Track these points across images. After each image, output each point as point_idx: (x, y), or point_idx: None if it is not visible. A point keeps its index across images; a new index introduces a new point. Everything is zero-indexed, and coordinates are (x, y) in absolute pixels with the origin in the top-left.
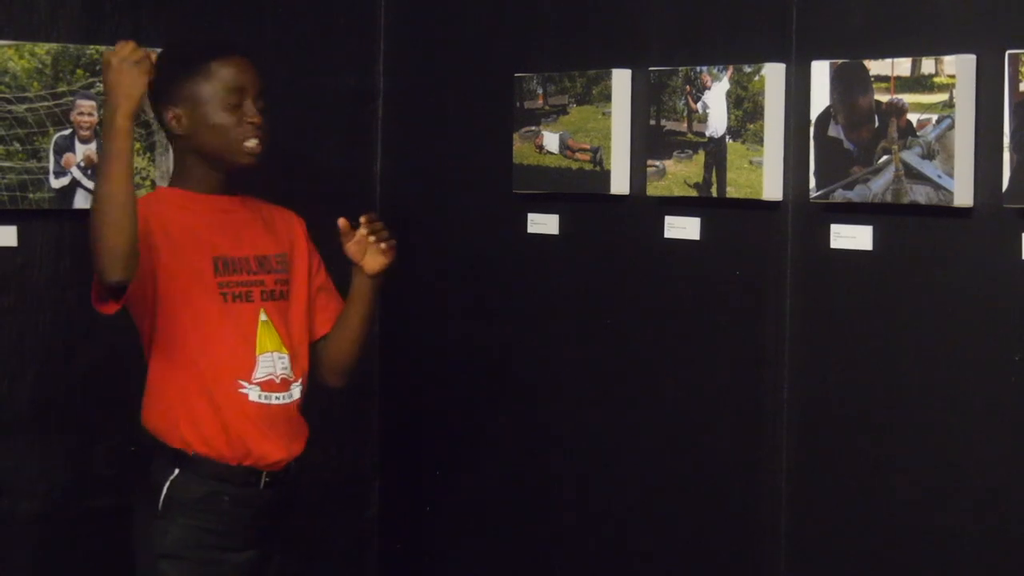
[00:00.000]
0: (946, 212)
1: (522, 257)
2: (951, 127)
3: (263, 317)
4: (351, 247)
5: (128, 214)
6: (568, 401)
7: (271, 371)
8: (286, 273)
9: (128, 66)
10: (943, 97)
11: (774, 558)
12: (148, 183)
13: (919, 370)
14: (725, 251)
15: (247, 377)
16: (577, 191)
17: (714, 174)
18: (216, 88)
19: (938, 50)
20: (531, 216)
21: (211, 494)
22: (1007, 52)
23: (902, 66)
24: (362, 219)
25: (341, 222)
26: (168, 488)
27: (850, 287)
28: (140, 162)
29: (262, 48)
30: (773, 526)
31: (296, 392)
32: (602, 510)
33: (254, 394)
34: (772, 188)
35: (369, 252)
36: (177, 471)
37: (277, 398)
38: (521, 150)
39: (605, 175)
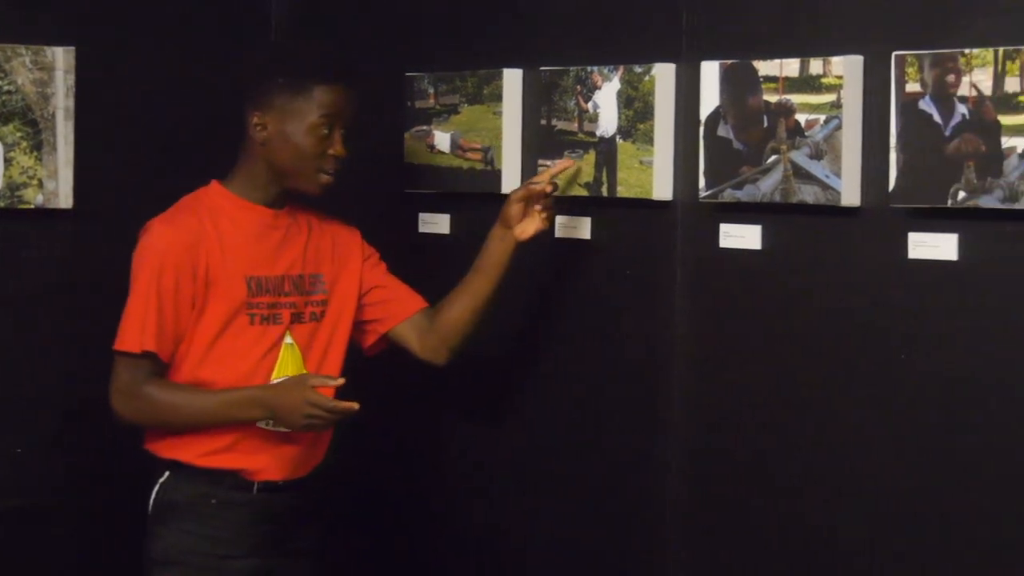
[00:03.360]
0: (834, 212)
1: (414, 256)
2: (839, 127)
3: (288, 340)
4: (515, 208)
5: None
6: (459, 401)
7: None
8: (324, 295)
9: (307, 416)
10: (831, 98)
11: (666, 553)
12: (36, 181)
13: (807, 368)
14: (615, 250)
15: None
16: (468, 190)
17: (605, 174)
18: (311, 110)
19: (826, 51)
20: (422, 216)
21: (199, 496)
22: (894, 53)
23: (790, 67)
24: (548, 188)
25: (544, 182)
26: (157, 492)
27: (739, 286)
28: (27, 160)
29: (151, 44)
30: (665, 524)
31: None
32: (496, 509)
33: (262, 420)
34: (662, 188)
35: (528, 217)
36: (167, 474)
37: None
38: (412, 149)
39: (496, 174)
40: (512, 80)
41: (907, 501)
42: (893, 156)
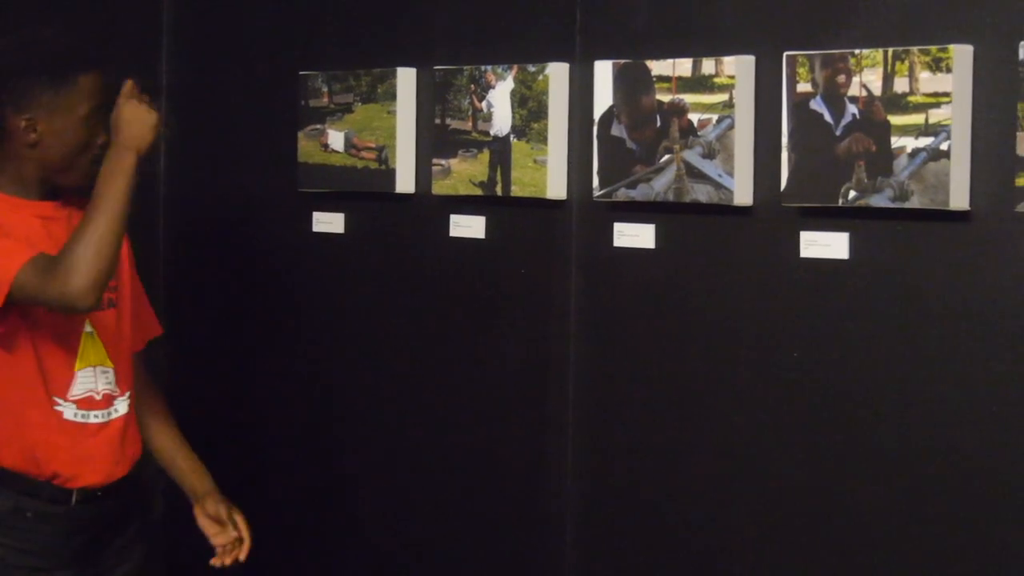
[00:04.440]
0: (726, 211)
1: (308, 256)
2: (731, 127)
3: (87, 328)
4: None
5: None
6: (355, 399)
7: (91, 387)
8: (115, 280)
9: (143, 111)
10: (723, 97)
11: (560, 556)
12: None
13: (701, 366)
14: (510, 249)
15: (62, 394)
16: (363, 189)
17: (499, 173)
18: (81, 102)
19: (718, 51)
20: (316, 215)
21: (14, 509)
22: (785, 54)
23: (683, 66)
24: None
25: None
26: None
27: (633, 285)
28: None
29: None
30: (559, 525)
31: (122, 407)
32: (389, 508)
33: (69, 412)
34: (556, 187)
35: (218, 532)
36: None
37: (96, 416)
38: (306, 148)
39: (390, 174)
40: (406, 79)
41: (799, 498)
42: (785, 156)
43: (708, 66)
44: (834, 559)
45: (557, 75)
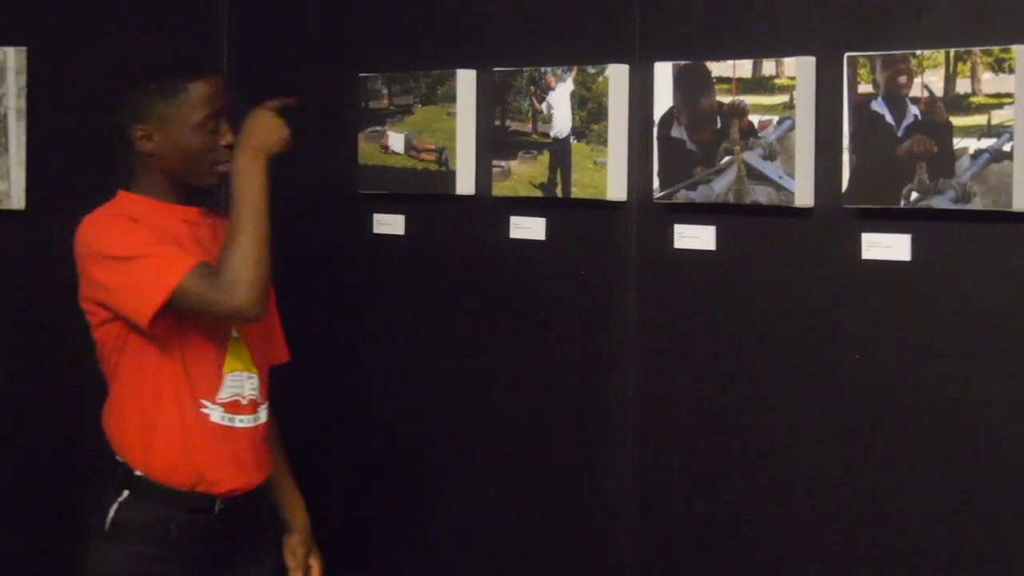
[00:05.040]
0: (787, 212)
1: (368, 257)
2: (792, 128)
3: (234, 334)
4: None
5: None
6: (415, 401)
7: (238, 391)
8: None
9: (276, 121)
10: (784, 99)
11: (620, 558)
12: None
13: (761, 368)
14: (570, 251)
15: (211, 396)
16: (423, 191)
17: (559, 174)
18: (192, 110)
19: (778, 52)
20: (377, 216)
21: (159, 521)
22: (846, 55)
23: (743, 67)
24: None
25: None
26: (116, 510)
27: (693, 287)
28: None
29: (103, 44)
30: (619, 527)
31: (263, 415)
32: (447, 510)
33: (216, 415)
34: (616, 188)
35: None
36: (127, 492)
37: (242, 420)
38: (366, 150)
39: (450, 175)
40: (466, 81)
41: (861, 499)
42: (846, 157)
43: (768, 67)
44: (899, 557)
45: (617, 77)
